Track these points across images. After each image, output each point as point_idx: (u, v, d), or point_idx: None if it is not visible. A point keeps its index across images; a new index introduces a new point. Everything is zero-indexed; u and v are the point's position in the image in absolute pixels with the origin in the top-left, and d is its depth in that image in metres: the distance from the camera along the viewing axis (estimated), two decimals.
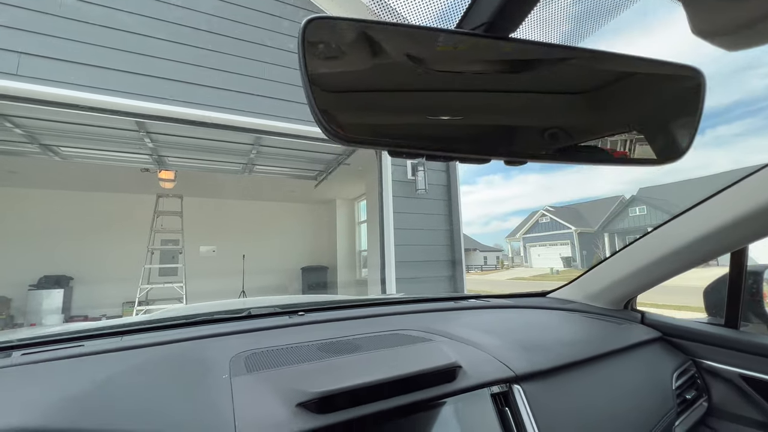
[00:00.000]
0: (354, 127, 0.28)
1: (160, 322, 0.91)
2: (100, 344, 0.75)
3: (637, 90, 0.35)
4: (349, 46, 0.31)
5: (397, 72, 0.32)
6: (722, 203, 0.93)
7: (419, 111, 0.32)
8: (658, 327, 1.14)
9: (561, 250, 30.79)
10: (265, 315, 1.01)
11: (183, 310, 1.34)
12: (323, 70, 0.28)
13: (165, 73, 3.32)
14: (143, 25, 3.29)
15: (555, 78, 0.35)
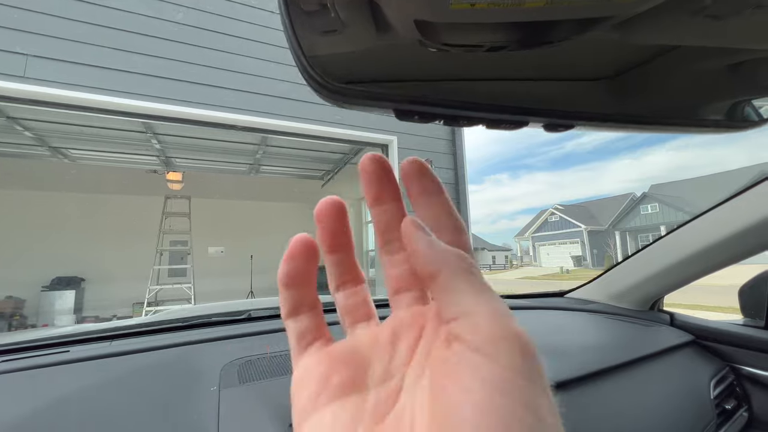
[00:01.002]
0: (351, 81, 0.21)
1: (154, 325, 0.85)
2: (86, 350, 0.70)
3: (714, 90, 0.28)
4: (332, 29, 0.24)
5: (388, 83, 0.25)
6: (757, 198, 0.84)
7: (435, 58, 0.25)
8: (689, 329, 1.05)
9: (571, 249, 30.40)
10: (265, 317, 0.95)
11: (182, 312, 1.29)
12: (316, 22, 0.21)
13: (171, 74, 3.30)
14: (150, 26, 3.28)
15: (611, 31, 0.27)
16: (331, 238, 0.24)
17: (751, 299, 1.05)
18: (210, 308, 1.68)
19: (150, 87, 3.21)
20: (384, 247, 0.24)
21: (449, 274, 0.18)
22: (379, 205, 0.24)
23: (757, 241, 0.90)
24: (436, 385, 0.16)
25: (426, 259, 0.18)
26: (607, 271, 1.27)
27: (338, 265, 0.24)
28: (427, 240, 0.19)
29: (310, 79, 0.20)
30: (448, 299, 0.17)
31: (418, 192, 0.23)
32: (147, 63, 3.22)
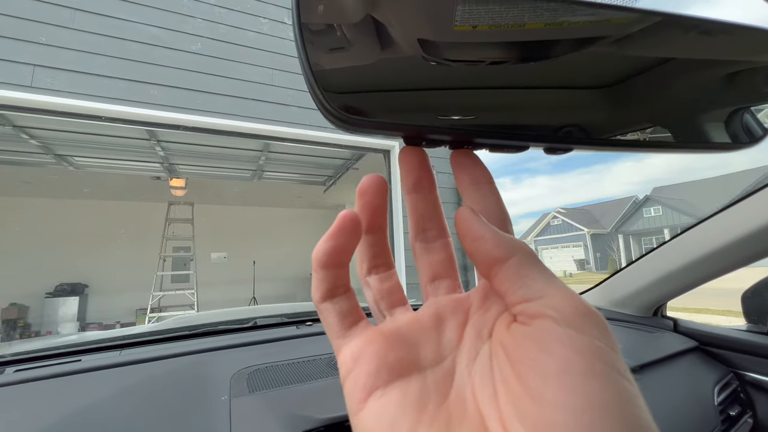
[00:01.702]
0: (362, 112, 0.23)
1: (162, 334, 0.87)
2: (98, 359, 0.71)
3: (713, 59, 0.29)
4: (339, 47, 0.25)
5: (391, 93, 0.27)
6: (761, 203, 0.85)
7: (439, 86, 0.26)
8: (693, 335, 1.05)
9: (574, 253, 30.27)
10: (270, 325, 0.97)
11: (188, 319, 1.30)
12: (325, 40, 0.23)
13: (175, 82, 3.34)
14: (154, 35, 3.33)
15: (610, 46, 0.29)
16: (372, 215, 0.23)
17: (754, 305, 1.06)
18: (215, 316, 1.69)
19: (154, 95, 3.25)
20: (420, 235, 0.24)
21: (521, 259, 0.18)
22: (417, 193, 0.24)
23: (761, 246, 0.90)
24: (525, 360, 0.16)
25: (494, 244, 0.19)
26: (610, 277, 1.28)
27: (373, 246, 0.24)
28: (491, 227, 0.20)
29: (326, 111, 0.22)
30: (520, 283, 0.18)
31: (468, 181, 0.24)
32: (151, 71, 3.27)
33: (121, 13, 3.24)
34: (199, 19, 3.51)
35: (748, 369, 0.96)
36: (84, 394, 0.57)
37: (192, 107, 3.37)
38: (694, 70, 0.28)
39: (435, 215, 0.25)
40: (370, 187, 0.22)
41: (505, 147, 0.26)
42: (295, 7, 0.21)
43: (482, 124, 0.24)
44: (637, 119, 0.30)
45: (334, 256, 0.20)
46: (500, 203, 0.24)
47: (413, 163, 0.25)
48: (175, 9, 3.43)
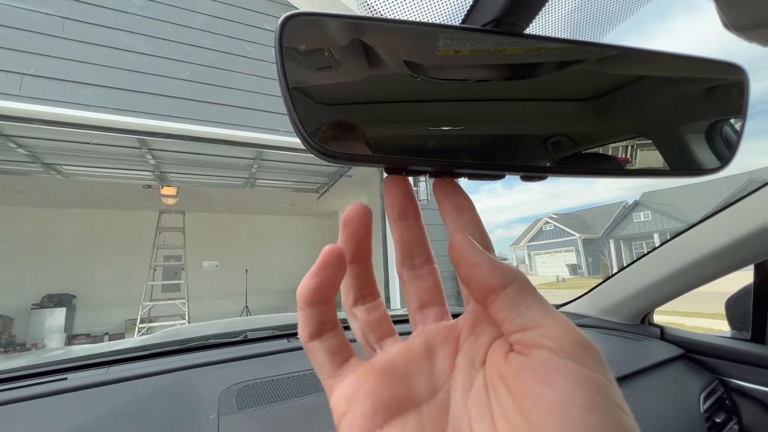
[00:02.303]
0: (344, 143, 0.24)
1: (150, 349, 0.86)
2: (84, 377, 0.70)
3: (673, 91, 0.31)
4: (336, 47, 0.26)
5: (392, 78, 0.28)
6: (745, 211, 0.88)
7: (420, 121, 0.27)
8: (679, 343, 1.07)
9: (566, 258, 30.51)
10: (261, 339, 0.96)
11: (177, 333, 1.29)
12: (306, 77, 0.24)
13: (166, 90, 3.33)
14: (143, 43, 3.32)
15: (577, 79, 0.30)
16: (357, 245, 0.22)
17: (737, 312, 1.08)
18: (205, 328, 1.67)
19: (144, 104, 3.23)
20: (407, 261, 0.25)
21: (518, 287, 0.18)
22: (403, 220, 0.25)
23: (743, 256, 0.93)
24: (526, 393, 0.16)
25: (491, 272, 0.19)
26: (599, 285, 1.30)
27: (359, 276, 0.23)
28: (487, 254, 0.20)
29: (309, 146, 0.23)
30: (517, 311, 0.18)
31: (451, 208, 0.25)
32: (140, 80, 3.26)
33: (111, 22, 3.23)
34: (191, 28, 3.52)
35: (733, 376, 0.98)
36: (69, 415, 0.56)
37: (183, 116, 3.36)
38: (663, 85, 0.30)
39: (421, 242, 0.25)
40: (355, 216, 0.22)
41: (483, 176, 0.27)
42: (278, 43, 0.22)
43: (456, 160, 0.25)
44: (616, 131, 0.31)
45: (320, 292, 0.20)
46: (482, 229, 0.25)
47: (397, 192, 0.25)
48: (165, 18, 3.43)
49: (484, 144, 0.27)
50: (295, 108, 0.22)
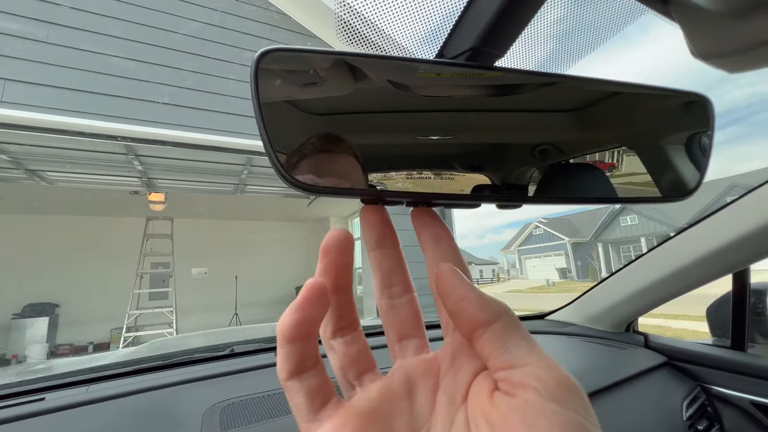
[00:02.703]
0: (320, 177, 0.24)
1: (132, 365, 0.84)
2: (63, 397, 0.69)
3: (640, 120, 0.32)
4: (312, 82, 0.27)
5: (370, 114, 0.29)
6: (722, 222, 0.90)
7: (396, 154, 0.28)
8: (663, 351, 1.09)
9: (556, 261, 30.85)
10: (248, 352, 0.95)
11: (162, 346, 1.27)
12: (282, 113, 0.24)
13: (152, 96, 3.29)
14: (129, 49, 3.29)
15: (553, 96, 0.32)
16: (337, 276, 0.22)
17: (718, 319, 1.11)
18: (192, 338, 1.64)
19: (130, 110, 3.19)
20: (385, 291, 0.24)
21: (505, 323, 0.18)
22: (381, 249, 0.24)
23: (724, 264, 0.95)
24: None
25: (479, 306, 0.19)
26: (586, 293, 1.31)
27: (339, 307, 0.23)
28: (475, 288, 0.20)
29: (286, 181, 0.23)
30: (504, 348, 0.18)
31: (429, 238, 0.24)
32: (127, 86, 3.22)
33: (96, 27, 3.19)
34: (179, 35, 3.50)
35: (714, 383, 1.00)
36: None
37: (171, 122, 3.32)
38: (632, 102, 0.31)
39: (399, 271, 0.25)
40: (335, 245, 0.22)
41: (458, 205, 0.27)
42: (254, 82, 0.22)
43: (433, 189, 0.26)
44: (599, 141, 0.33)
45: (302, 328, 0.19)
46: (461, 258, 0.25)
47: (374, 219, 0.25)
48: (153, 24, 3.40)
49: (471, 153, 0.29)
50: (270, 141, 0.22)
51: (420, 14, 0.38)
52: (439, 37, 0.39)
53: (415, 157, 0.29)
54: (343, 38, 0.35)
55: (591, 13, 0.38)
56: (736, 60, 0.36)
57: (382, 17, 0.34)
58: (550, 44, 0.36)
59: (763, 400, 0.90)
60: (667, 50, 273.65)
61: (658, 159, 0.31)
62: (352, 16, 0.33)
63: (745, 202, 0.86)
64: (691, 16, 0.36)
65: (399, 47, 0.39)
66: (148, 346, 1.39)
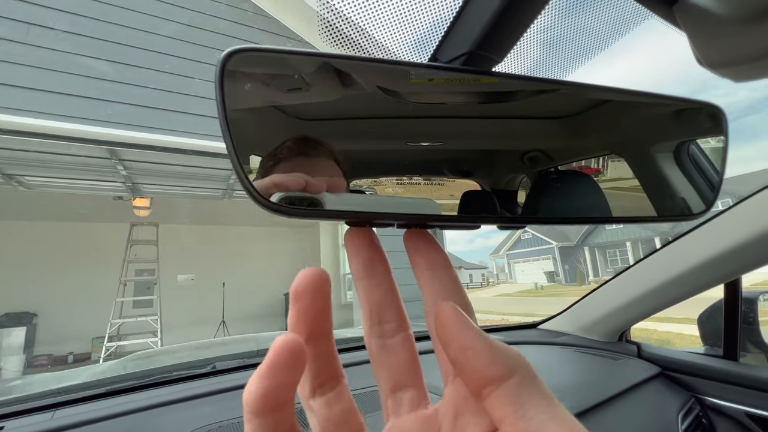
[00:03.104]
0: (299, 198, 0.21)
1: (104, 385, 0.78)
2: (25, 426, 0.63)
3: (653, 131, 0.30)
4: (297, 87, 0.24)
5: (359, 120, 0.26)
6: (714, 232, 0.89)
7: (385, 160, 0.25)
8: (656, 361, 1.08)
9: (544, 265, 31.21)
10: (232, 369, 0.90)
11: (140, 362, 1.21)
12: (251, 124, 0.21)
13: (136, 100, 3.22)
14: (111, 51, 3.20)
15: (550, 103, 0.30)
16: (312, 322, 0.18)
17: (709, 328, 1.10)
18: (177, 350, 1.58)
19: (113, 113, 3.11)
20: (375, 329, 0.21)
21: (522, 379, 0.15)
22: (370, 278, 0.21)
23: (716, 274, 0.94)
24: None
25: (490, 359, 0.16)
26: (578, 301, 1.30)
27: (317, 359, 0.19)
28: (484, 335, 0.17)
29: (260, 204, 0.19)
30: (520, 411, 0.15)
31: (425, 265, 0.21)
32: (109, 89, 3.13)
33: (77, 28, 3.10)
34: (162, 37, 3.43)
35: (708, 394, 0.99)
36: None
37: (157, 126, 3.25)
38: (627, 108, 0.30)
39: (392, 303, 0.22)
40: (308, 287, 0.18)
41: (454, 227, 0.24)
42: (219, 87, 0.19)
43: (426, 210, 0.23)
44: (593, 148, 0.32)
45: (272, 399, 0.15)
46: (460, 290, 0.21)
47: (362, 244, 0.22)
48: (136, 26, 3.33)
49: (461, 159, 0.28)
50: (238, 157, 0.19)
51: (409, 17, 0.36)
52: (430, 41, 0.37)
53: (404, 163, 0.28)
54: (327, 41, 0.32)
55: (592, 18, 0.36)
56: (744, 69, 0.34)
57: (369, 19, 0.31)
58: (551, 49, 0.34)
59: (758, 412, 0.89)
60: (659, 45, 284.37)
61: (659, 174, 0.29)
62: (336, 16, 0.30)
63: (735, 211, 0.86)
64: (698, 21, 0.34)
65: (387, 52, 0.37)
66: (127, 360, 1.33)
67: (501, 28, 0.30)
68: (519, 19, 0.31)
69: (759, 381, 0.92)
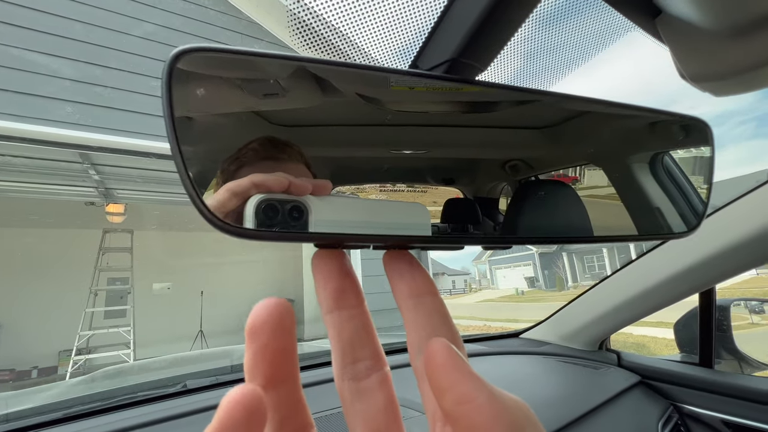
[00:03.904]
0: (280, 202, 0.18)
1: (61, 408, 0.72)
2: None
3: (636, 144, 0.29)
4: (273, 93, 0.22)
5: (339, 127, 0.25)
6: (689, 243, 0.91)
7: (368, 167, 0.24)
8: (635, 370, 1.09)
9: (524, 271, 31.78)
10: (204, 388, 0.85)
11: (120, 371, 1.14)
12: (205, 133, 0.18)
13: (108, 102, 3.10)
14: (81, 50, 3.08)
15: (521, 125, 0.30)
16: (273, 365, 0.15)
17: (685, 335, 1.12)
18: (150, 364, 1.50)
19: (84, 115, 2.98)
20: (348, 369, 0.18)
21: None
22: (340, 309, 0.18)
23: (691, 284, 0.96)
24: None
25: (492, 415, 0.13)
26: (559, 310, 1.31)
27: (279, 407, 0.16)
28: (486, 385, 0.14)
29: (215, 225, 0.17)
30: None
31: (407, 292, 0.19)
32: (80, 90, 3.01)
33: (43, 26, 2.97)
34: (134, 37, 3.32)
35: (686, 402, 1.00)
36: None
37: (129, 129, 3.13)
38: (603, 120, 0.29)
39: (366, 339, 0.19)
40: (266, 322, 0.15)
41: (436, 248, 0.22)
42: (166, 90, 0.16)
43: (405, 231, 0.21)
44: (571, 157, 0.32)
45: None
46: (447, 321, 0.19)
47: (331, 269, 0.19)
48: (110, 26, 3.22)
49: (444, 167, 0.27)
50: (186, 170, 0.17)
51: (389, 21, 0.34)
52: (410, 47, 0.35)
53: (387, 170, 0.27)
54: (299, 41, 0.30)
55: (576, 29, 0.35)
56: (726, 83, 0.34)
57: (344, 20, 0.29)
58: (534, 59, 0.32)
59: (734, 419, 0.90)
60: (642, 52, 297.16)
61: (666, 194, 0.28)
62: (310, 15, 0.28)
63: (707, 223, 0.88)
64: (681, 35, 0.34)
65: (366, 55, 0.35)
66: (95, 376, 1.25)
67: (484, 36, 0.29)
68: (503, 27, 0.30)
69: (734, 388, 0.93)
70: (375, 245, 0.21)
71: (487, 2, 0.28)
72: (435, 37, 0.31)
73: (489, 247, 0.24)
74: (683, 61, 0.34)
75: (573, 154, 0.32)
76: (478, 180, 0.30)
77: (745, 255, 0.83)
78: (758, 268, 19.38)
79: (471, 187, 0.30)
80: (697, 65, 0.34)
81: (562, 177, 0.31)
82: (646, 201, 0.30)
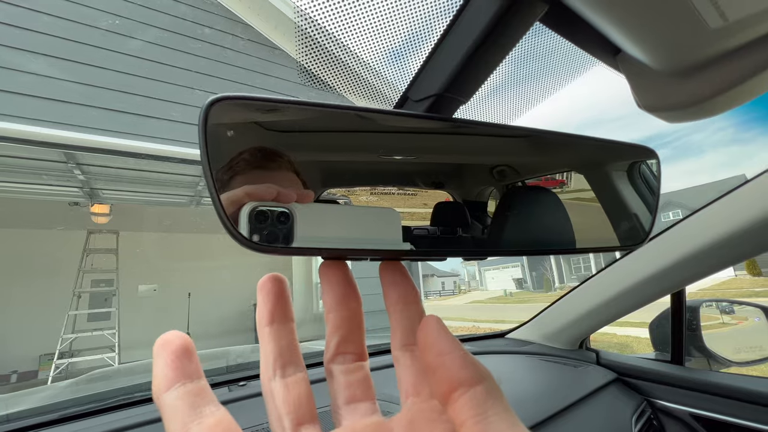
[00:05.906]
0: (271, 212, 0.22)
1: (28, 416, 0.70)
2: None
3: (592, 172, 0.33)
4: (273, 109, 0.25)
5: (326, 136, 0.28)
6: (662, 246, 0.97)
7: (359, 171, 0.28)
8: (613, 367, 1.15)
9: (513, 273, 32.16)
10: None
11: (105, 375, 1.14)
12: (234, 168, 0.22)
13: (93, 101, 3.06)
14: (67, 49, 3.04)
15: (507, 146, 0.33)
16: (275, 303, 0.23)
17: (659, 334, 1.19)
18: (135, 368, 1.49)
19: (69, 115, 2.94)
20: (338, 357, 0.23)
21: (488, 388, 0.17)
22: (341, 311, 0.23)
23: (662, 286, 1.02)
24: None
25: (462, 364, 0.17)
26: (543, 311, 1.36)
27: (278, 338, 0.22)
28: (460, 345, 0.18)
29: (240, 242, 0.20)
30: (483, 417, 0.16)
31: (397, 299, 0.23)
32: (67, 89, 2.97)
33: (31, 24, 2.92)
34: (117, 35, 3.29)
35: (658, 397, 1.07)
36: None
37: (115, 129, 3.10)
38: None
39: (357, 337, 0.23)
40: (268, 279, 0.23)
41: (424, 259, 0.26)
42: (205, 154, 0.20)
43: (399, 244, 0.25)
44: (556, 164, 0.35)
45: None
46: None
47: (337, 278, 0.23)
48: (95, 24, 3.18)
49: (433, 171, 0.30)
50: (223, 208, 0.20)
51: (386, 32, 0.38)
52: (407, 53, 0.39)
53: (378, 173, 0.29)
54: (303, 51, 0.34)
55: (544, 64, 0.40)
56: (675, 113, 0.39)
57: (345, 32, 0.33)
58: (507, 92, 0.37)
59: (701, 412, 0.97)
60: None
61: (617, 211, 0.33)
62: (313, 27, 0.32)
63: (683, 226, 0.94)
64: (637, 72, 0.39)
65: (364, 64, 0.38)
66: (81, 381, 1.25)
67: (468, 72, 0.33)
68: (485, 64, 0.34)
69: (701, 384, 1.00)
70: (372, 258, 0.25)
71: (471, 43, 0.32)
72: (425, 71, 0.35)
73: (469, 259, 0.28)
74: (639, 94, 0.39)
75: (556, 162, 0.35)
76: (467, 184, 0.32)
77: (716, 257, 0.88)
78: (736, 269, 19.48)
79: (460, 191, 0.31)
80: (650, 98, 0.39)
81: (549, 181, 0.33)
82: (623, 207, 0.34)
